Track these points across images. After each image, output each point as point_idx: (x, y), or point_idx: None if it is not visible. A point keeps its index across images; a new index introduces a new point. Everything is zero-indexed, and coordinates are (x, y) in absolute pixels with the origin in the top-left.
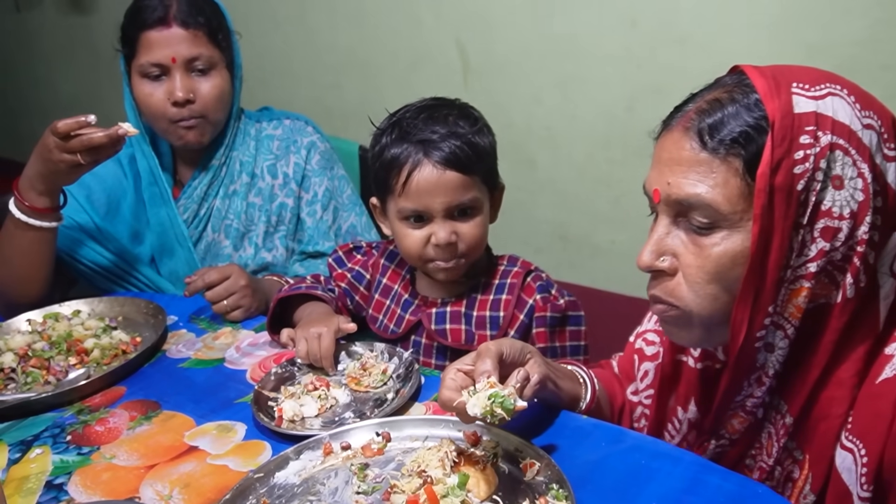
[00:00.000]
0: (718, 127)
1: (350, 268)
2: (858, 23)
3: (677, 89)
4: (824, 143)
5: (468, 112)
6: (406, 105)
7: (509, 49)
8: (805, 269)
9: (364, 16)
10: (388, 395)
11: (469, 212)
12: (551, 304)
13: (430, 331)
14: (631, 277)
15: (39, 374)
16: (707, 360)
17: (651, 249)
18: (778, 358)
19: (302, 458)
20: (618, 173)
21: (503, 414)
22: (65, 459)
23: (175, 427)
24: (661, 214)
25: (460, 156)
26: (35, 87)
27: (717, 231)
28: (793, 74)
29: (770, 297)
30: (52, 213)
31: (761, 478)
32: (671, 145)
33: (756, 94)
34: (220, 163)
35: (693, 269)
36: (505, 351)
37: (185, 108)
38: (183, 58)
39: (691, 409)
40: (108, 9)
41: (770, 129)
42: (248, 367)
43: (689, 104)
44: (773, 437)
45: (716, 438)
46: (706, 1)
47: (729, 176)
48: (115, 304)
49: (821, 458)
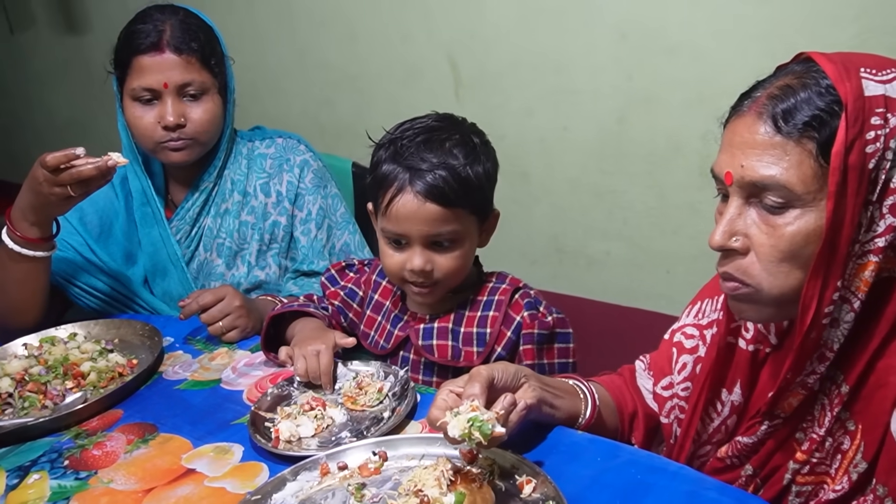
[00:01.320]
0: (792, 111)
1: (343, 286)
2: (846, 31)
3: (668, 99)
4: (893, 124)
5: (468, 139)
6: (412, 119)
7: (500, 63)
8: (874, 243)
9: (355, 32)
10: (385, 414)
11: (447, 244)
12: (539, 321)
13: (417, 346)
14: (626, 288)
15: (36, 398)
16: (758, 342)
17: (724, 230)
18: (843, 332)
19: (299, 479)
20: (611, 184)
21: (480, 438)
22: (63, 485)
23: (172, 450)
24: (732, 196)
25: (444, 189)
26: (28, 107)
27: (791, 210)
28: (860, 60)
29: (839, 271)
30: (45, 243)
31: (811, 449)
32: (744, 129)
33: (827, 80)
34: (213, 183)
35: (766, 247)
36: (497, 376)
37: (174, 132)
38: (175, 84)
39: (736, 391)
40: (101, 29)
41: (843, 111)
42: (245, 387)
43: (758, 91)
44: (827, 407)
45: (769, 419)
46: (694, 12)
47: (803, 157)
48: (111, 326)
49: (875, 426)
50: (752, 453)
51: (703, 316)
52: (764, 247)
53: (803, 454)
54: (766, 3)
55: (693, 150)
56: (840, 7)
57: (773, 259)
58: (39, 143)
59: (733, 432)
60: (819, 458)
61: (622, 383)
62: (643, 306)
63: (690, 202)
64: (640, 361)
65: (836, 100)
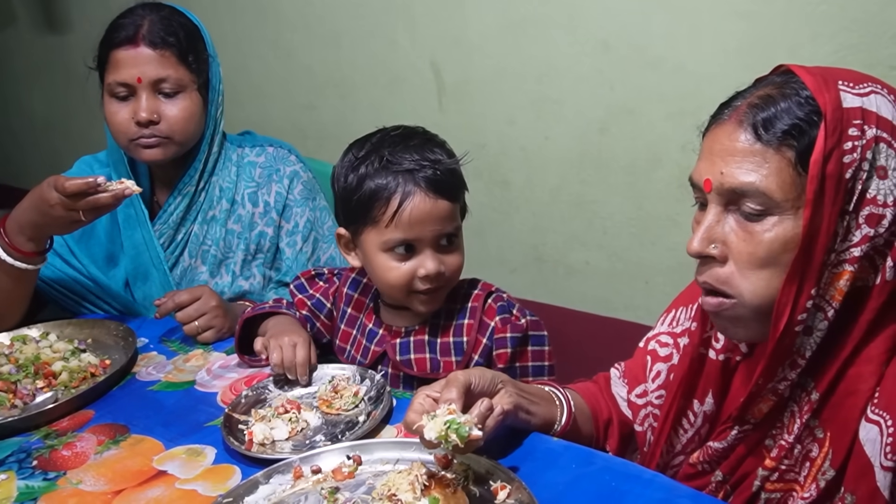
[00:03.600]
0: (772, 120)
1: (311, 294)
2: (825, 47)
3: (649, 111)
4: (870, 136)
5: (438, 139)
6: (378, 131)
7: (483, 71)
8: (849, 253)
9: (340, 37)
10: (360, 418)
11: (454, 241)
12: (511, 324)
13: (395, 361)
14: (605, 298)
15: (6, 397)
16: (729, 351)
17: (702, 236)
18: (816, 340)
19: (272, 482)
20: (591, 194)
21: (457, 441)
22: (30, 485)
23: (144, 451)
24: (711, 203)
25: (448, 183)
26: (6, 108)
27: (769, 217)
28: (838, 74)
29: (814, 279)
30: (39, 256)
31: (780, 456)
32: (724, 137)
33: (806, 91)
34: (199, 187)
35: (744, 254)
36: (474, 381)
37: (147, 129)
38: (149, 78)
39: (708, 401)
40: (82, 28)
41: (822, 120)
42: (219, 389)
43: (738, 100)
44: (797, 414)
45: (739, 425)
46: (677, 25)
47: (782, 165)
48: (84, 326)
49: (844, 433)
50: (723, 459)
51: (677, 324)
52: (742, 254)
53: (772, 461)
54: (747, 19)
55: (673, 161)
56: (819, 24)
57: (751, 266)
58: (16, 143)
59: (705, 440)
60: (788, 465)
61: (597, 391)
62: (622, 316)
63: (670, 214)
64: (615, 369)
65: (816, 110)
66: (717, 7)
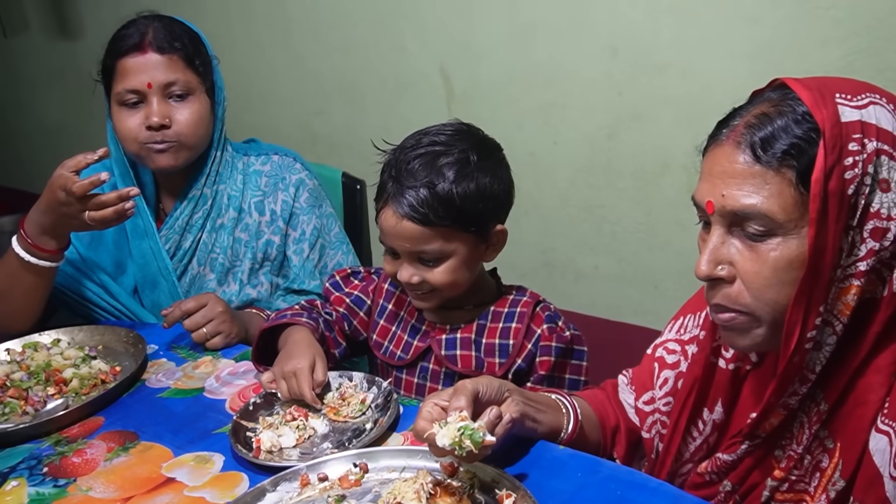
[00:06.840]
0: (770, 140)
1: (348, 292)
2: (835, 52)
3: (658, 116)
4: (871, 149)
5: (465, 157)
6: (427, 129)
7: (492, 76)
8: (855, 267)
9: (350, 42)
10: (367, 426)
11: (433, 262)
12: (557, 334)
13: (439, 357)
14: (614, 303)
15: (17, 404)
16: (739, 361)
17: (708, 259)
18: (825, 354)
19: (279, 489)
20: (600, 199)
21: (471, 446)
22: (41, 492)
23: (153, 458)
24: (714, 225)
25: (422, 210)
26: (20, 113)
27: (773, 238)
28: (835, 85)
29: (822, 296)
30: (59, 254)
31: (789, 466)
32: (723, 159)
33: (803, 107)
34: (205, 194)
35: (752, 274)
36: (481, 390)
37: (158, 133)
38: (159, 83)
39: (717, 410)
40: (95, 35)
41: (821, 138)
42: (228, 396)
43: (735, 119)
44: (806, 425)
45: (750, 439)
46: (685, 30)
47: (783, 186)
48: (95, 333)
49: (854, 444)
50: (731, 470)
51: (685, 331)
52: (749, 273)
53: (781, 472)
54: (755, 24)
55: (681, 166)
56: (828, 29)
57: (760, 285)
58: (30, 148)
59: (714, 448)
60: (798, 475)
61: (604, 398)
62: (631, 321)
63: (678, 218)
64: (622, 376)
65: (814, 127)
66: (725, 12)
